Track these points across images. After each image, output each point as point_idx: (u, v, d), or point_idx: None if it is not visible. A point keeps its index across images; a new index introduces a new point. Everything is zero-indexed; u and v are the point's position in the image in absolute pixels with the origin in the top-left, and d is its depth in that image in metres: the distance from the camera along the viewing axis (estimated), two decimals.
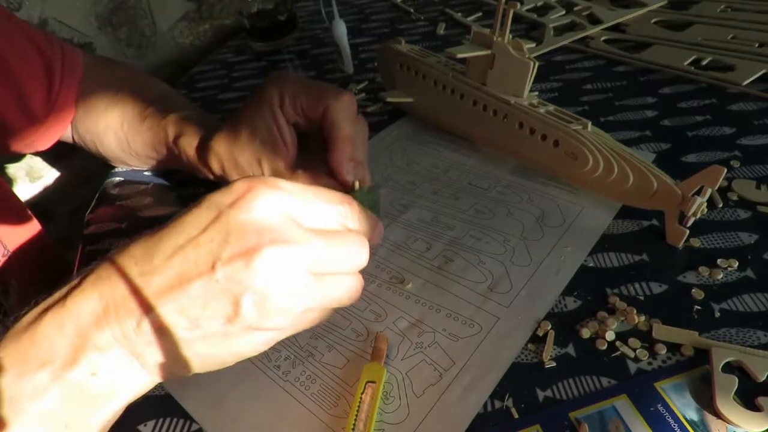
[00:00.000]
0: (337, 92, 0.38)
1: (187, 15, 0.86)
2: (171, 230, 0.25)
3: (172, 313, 0.24)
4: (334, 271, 0.27)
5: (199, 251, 0.24)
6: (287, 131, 0.39)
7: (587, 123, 0.40)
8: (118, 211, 0.50)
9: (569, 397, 0.30)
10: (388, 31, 0.78)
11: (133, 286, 0.24)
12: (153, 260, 0.24)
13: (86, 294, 0.24)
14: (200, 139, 0.43)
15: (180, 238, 0.24)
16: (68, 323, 0.24)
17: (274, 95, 0.38)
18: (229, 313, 0.24)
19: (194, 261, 0.24)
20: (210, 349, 0.25)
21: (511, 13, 0.40)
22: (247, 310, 0.24)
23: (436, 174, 0.49)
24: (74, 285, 0.25)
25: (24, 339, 0.24)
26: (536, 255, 0.39)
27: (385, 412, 0.31)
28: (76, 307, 0.24)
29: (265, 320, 0.24)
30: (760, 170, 0.43)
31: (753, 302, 0.33)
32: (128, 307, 0.24)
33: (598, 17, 0.69)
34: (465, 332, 0.34)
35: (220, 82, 0.72)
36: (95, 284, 0.25)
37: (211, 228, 0.24)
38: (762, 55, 0.55)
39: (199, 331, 0.24)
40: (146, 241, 0.25)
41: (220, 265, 0.23)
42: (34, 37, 0.47)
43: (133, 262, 0.25)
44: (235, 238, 0.24)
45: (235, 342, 0.25)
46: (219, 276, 0.23)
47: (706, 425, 0.28)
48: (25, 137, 0.48)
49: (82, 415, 0.25)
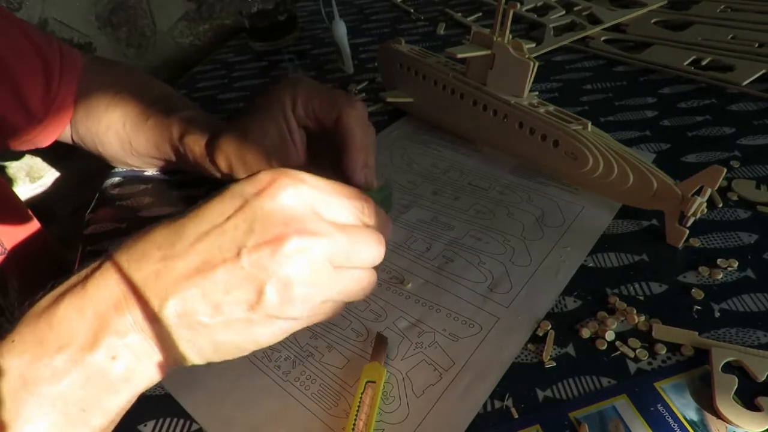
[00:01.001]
0: (350, 99, 0.38)
1: (187, 15, 0.86)
2: (194, 217, 0.25)
3: (195, 298, 0.24)
4: (353, 265, 0.27)
5: (224, 238, 0.24)
6: (297, 134, 0.40)
7: (587, 123, 0.40)
8: (118, 211, 0.50)
9: (569, 397, 0.30)
10: (388, 31, 0.78)
11: (155, 271, 0.24)
12: (175, 246, 0.24)
13: (106, 278, 0.24)
14: (208, 137, 0.43)
15: (204, 225, 0.25)
16: (88, 307, 0.24)
17: (287, 98, 0.39)
18: (252, 301, 0.24)
19: (219, 247, 0.24)
20: (229, 335, 0.25)
21: (511, 13, 0.40)
22: (270, 298, 0.24)
23: (436, 174, 0.49)
24: (93, 268, 0.25)
25: (41, 322, 0.24)
26: (536, 255, 0.39)
27: (385, 412, 0.31)
28: (95, 291, 0.24)
29: (286, 309, 0.25)
30: (760, 170, 0.43)
31: (753, 302, 0.33)
32: (150, 292, 0.24)
33: (598, 17, 0.69)
34: (465, 332, 0.34)
35: (220, 82, 0.72)
36: (115, 268, 0.25)
37: (236, 216, 0.24)
38: (762, 55, 0.55)
39: (220, 317, 0.24)
40: (167, 227, 0.25)
41: (246, 252, 0.24)
42: (32, 36, 0.47)
43: (155, 246, 0.25)
44: (261, 226, 0.24)
45: (255, 329, 0.25)
46: (244, 263, 0.24)
47: (705, 425, 0.28)
48: (23, 135, 0.48)
49: (99, 399, 0.25)
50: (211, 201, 0.26)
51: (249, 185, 0.25)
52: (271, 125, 0.39)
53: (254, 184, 0.25)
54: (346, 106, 0.37)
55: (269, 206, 0.24)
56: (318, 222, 0.25)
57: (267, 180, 0.25)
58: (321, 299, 0.26)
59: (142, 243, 0.25)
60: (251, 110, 0.41)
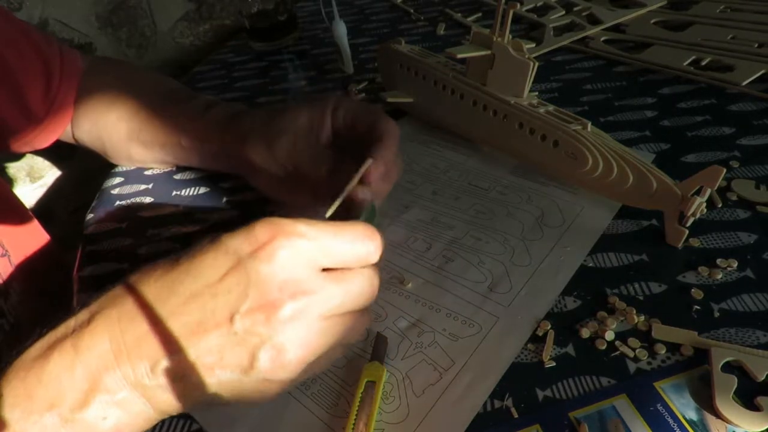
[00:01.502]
0: (388, 116, 0.39)
1: (187, 15, 0.86)
2: (187, 272, 0.25)
3: (187, 360, 0.24)
4: (345, 311, 0.26)
5: (216, 301, 0.24)
6: (327, 130, 0.40)
7: (587, 123, 0.40)
8: (118, 211, 0.50)
9: (569, 397, 0.30)
10: (388, 31, 0.78)
11: (147, 331, 0.24)
12: (167, 303, 0.24)
13: (96, 335, 0.24)
14: (234, 110, 0.44)
15: (197, 282, 0.24)
16: (78, 365, 0.24)
17: (330, 101, 0.40)
18: (245, 365, 0.24)
19: (212, 310, 0.24)
20: (222, 392, 0.25)
21: (510, 14, 0.40)
22: (263, 363, 0.24)
23: (436, 174, 0.49)
24: (83, 322, 0.25)
25: (31, 376, 0.24)
26: (536, 255, 0.39)
27: (385, 412, 0.31)
28: (86, 349, 0.24)
29: (279, 373, 0.24)
30: (760, 170, 0.43)
31: (752, 302, 0.33)
32: (141, 351, 0.24)
33: (597, 17, 0.69)
34: (465, 332, 0.34)
35: (220, 82, 0.72)
36: (106, 324, 0.24)
37: (229, 276, 0.24)
38: (761, 55, 0.55)
39: (213, 379, 0.24)
40: (159, 279, 0.25)
41: (239, 318, 0.23)
42: (32, 37, 0.47)
43: (147, 303, 0.24)
44: (255, 291, 0.23)
45: (248, 389, 0.25)
46: (238, 328, 0.23)
47: (705, 425, 0.28)
48: (23, 135, 0.48)
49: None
50: (205, 254, 0.25)
51: (245, 242, 0.24)
52: (305, 113, 0.40)
53: (250, 241, 0.24)
54: (383, 116, 0.38)
55: (264, 270, 0.24)
56: (314, 279, 0.25)
57: (264, 238, 0.24)
58: (314, 357, 0.25)
59: (133, 297, 0.25)
60: (293, 104, 0.42)
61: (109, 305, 0.25)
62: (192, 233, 0.46)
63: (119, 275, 0.26)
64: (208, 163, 0.49)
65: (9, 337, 0.42)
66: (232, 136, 0.43)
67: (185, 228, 0.47)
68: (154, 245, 0.45)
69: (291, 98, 0.65)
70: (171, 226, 0.47)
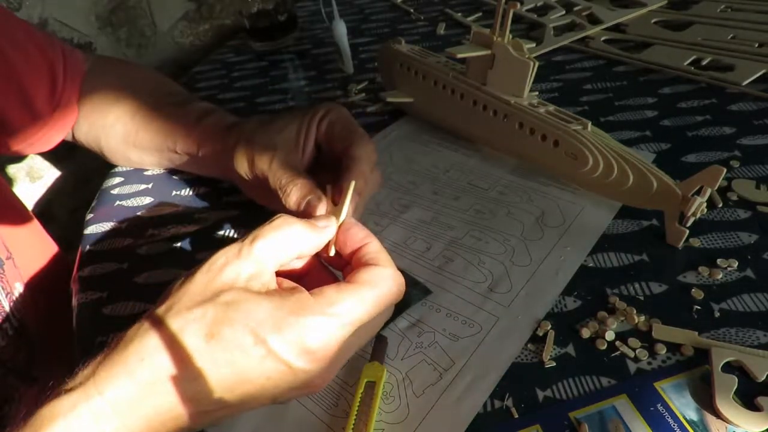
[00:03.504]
0: (367, 137, 0.40)
1: (187, 15, 0.86)
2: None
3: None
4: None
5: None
6: (310, 143, 0.41)
7: (587, 123, 0.40)
8: (118, 211, 0.50)
9: (569, 397, 0.30)
10: (388, 31, 0.78)
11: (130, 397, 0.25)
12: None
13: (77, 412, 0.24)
14: (230, 122, 0.45)
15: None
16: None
17: (318, 112, 0.41)
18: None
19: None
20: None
21: (511, 13, 0.40)
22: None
23: (436, 174, 0.49)
24: (65, 401, 0.24)
25: None
26: (536, 255, 0.39)
27: (385, 412, 0.31)
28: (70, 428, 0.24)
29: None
30: (760, 170, 0.43)
31: (752, 302, 0.33)
32: (124, 418, 0.24)
33: (598, 17, 0.69)
34: (465, 332, 0.34)
35: (220, 82, 0.72)
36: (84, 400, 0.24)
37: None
38: (762, 55, 0.55)
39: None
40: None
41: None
42: (36, 38, 0.47)
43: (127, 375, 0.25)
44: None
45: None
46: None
47: (705, 425, 0.28)
48: (28, 137, 0.48)
49: None
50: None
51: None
52: (294, 125, 0.41)
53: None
54: (361, 138, 0.39)
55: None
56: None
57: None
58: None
59: (111, 368, 0.25)
60: (285, 110, 0.42)
61: (87, 381, 0.25)
62: (192, 233, 0.46)
63: (119, 275, 0.26)
64: (202, 170, 0.49)
65: (14, 340, 0.42)
66: (222, 146, 0.43)
67: (185, 228, 0.47)
68: (154, 245, 0.45)
69: (291, 98, 0.65)
70: (171, 226, 0.47)
